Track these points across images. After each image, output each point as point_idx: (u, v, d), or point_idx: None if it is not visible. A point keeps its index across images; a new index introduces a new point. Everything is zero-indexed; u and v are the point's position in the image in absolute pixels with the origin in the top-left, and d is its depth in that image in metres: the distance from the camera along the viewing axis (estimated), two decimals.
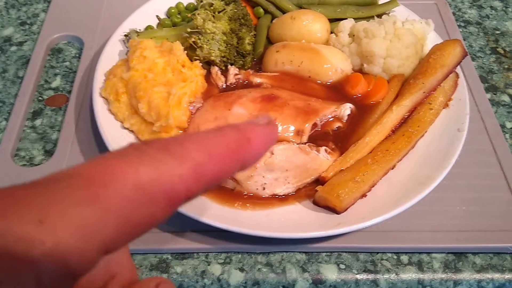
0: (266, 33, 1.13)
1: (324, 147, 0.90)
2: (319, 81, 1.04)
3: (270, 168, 0.84)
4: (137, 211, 0.26)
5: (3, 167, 0.94)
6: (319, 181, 0.88)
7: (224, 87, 1.03)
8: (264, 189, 0.85)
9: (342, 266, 0.83)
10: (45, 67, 1.16)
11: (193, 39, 1.02)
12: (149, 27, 1.15)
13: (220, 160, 0.29)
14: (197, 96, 0.98)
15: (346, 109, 0.98)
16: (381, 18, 1.09)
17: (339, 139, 0.95)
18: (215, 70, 1.05)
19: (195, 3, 1.21)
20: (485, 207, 0.90)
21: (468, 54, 1.08)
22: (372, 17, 1.15)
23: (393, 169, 0.89)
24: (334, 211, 0.81)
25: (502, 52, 1.24)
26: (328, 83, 1.04)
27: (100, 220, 0.25)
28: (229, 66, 1.05)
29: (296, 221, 0.82)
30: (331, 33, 1.13)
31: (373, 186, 0.85)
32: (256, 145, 0.31)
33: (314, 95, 1.00)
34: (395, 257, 0.84)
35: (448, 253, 0.85)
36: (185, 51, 1.01)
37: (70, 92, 1.09)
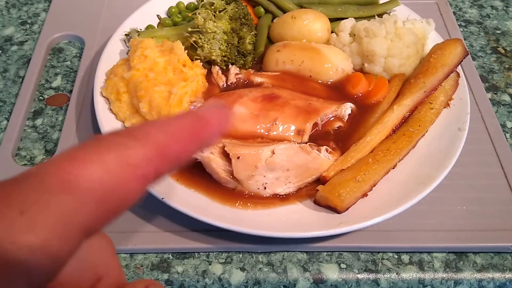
0: (267, 32, 1.13)
1: (325, 147, 0.90)
2: (320, 81, 1.04)
3: (271, 168, 0.84)
4: (109, 192, 0.28)
5: (4, 166, 0.94)
6: (320, 180, 0.88)
7: (225, 86, 1.03)
8: (265, 188, 0.85)
9: (343, 266, 0.83)
10: (45, 67, 1.16)
11: (194, 39, 1.02)
12: (149, 27, 1.15)
13: (181, 139, 0.32)
14: (198, 96, 0.98)
15: (347, 108, 0.98)
16: (382, 17, 1.09)
17: (340, 138, 0.95)
18: (216, 69, 1.05)
19: (196, 3, 1.21)
20: (486, 207, 0.90)
21: (469, 53, 1.08)
22: (373, 16, 1.15)
23: (394, 168, 0.89)
24: (335, 210, 0.81)
25: (503, 51, 1.24)
26: (329, 82, 1.04)
27: (77, 205, 0.27)
28: (230, 66, 1.06)
29: (297, 220, 0.82)
30: (332, 32, 1.13)
31: (374, 185, 0.85)
32: (212, 124, 0.34)
33: (315, 94, 1.00)
34: (396, 256, 0.84)
35: (449, 252, 0.85)
36: (186, 51, 1.02)
37: (71, 91, 1.09)
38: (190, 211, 0.79)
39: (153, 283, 0.35)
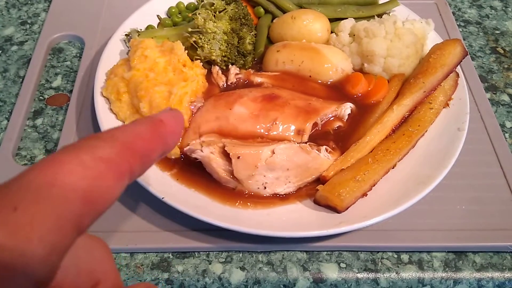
0: (266, 32, 1.14)
1: (325, 147, 0.91)
2: (319, 81, 1.04)
3: (271, 167, 0.84)
4: (91, 188, 0.30)
5: (4, 166, 0.94)
6: (320, 180, 0.88)
7: (225, 86, 1.03)
8: (265, 188, 0.85)
9: (343, 265, 0.83)
10: (46, 67, 1.16)
11: (194, 39, 1.02)
12: (150, 27, 1.15)
13: (144, 137, 0.36)
14: (198, 96, 0.98)
15: (347, 108, 0.98)
16: (381, 17, 1.09)
17: (339, 138, 0.95)
18: (216, 69, 1.05)
19: (196, 3, 1.21)
20: (485, 206, 0.90)
21: (468, 53, 1.08)
22: (373, 16, 1.15)
23: (393, 168, 0.89)
24: (335, 210, 0.81)
25: (502, 51, 1.24)
26: (329, 82, 1.04)
27: (65, 202, 0.29)
28: (230, 66, 1.06)
29: (297, 220, 0.82)
30: (332, 32, 1.13)
31: (374, 185, 0.85)
32: (168, 124, 0.39)
33: (314, 94, 1.00)
34: (395, 256, 0.85)
35: (448, 252, 0.85)
36: (186, 51, 1.02)
37: (71, 91, 1.09)
38: (190, 210, 0.79)
39: (150, 286, 0.37)
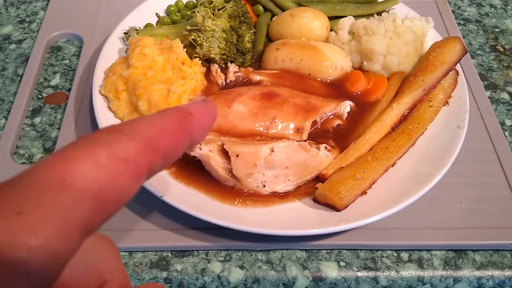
0: (265, 30, 1.13)
1: (324, 145, 0.90)
2: (319, 79, 1.04)
3: (270, 166, 0.84)
4: (104, 189, 0.27)
5: (2, 165, 0.93)
6: (319, 178, 0.88)
7: (224, 84, 1.03)
8: (264, 186, 0.85)
9: (342, 264, 0.83)
10: (44, 65, 1.16)
11: (192, 37, 1.02)
12: (148, 25, 1.14)
13: (169, 132, 0.32)
14: (197, 94, 0.98)
15: (346, 106, 0.98)
16: (381, 15, 1.09)
17: (339, 136, 0.95)
18: (215, 67, 1.05)
19: (195, 1, 1.21)
20: (485, 204, 0.90)
21: (468, 51, 1.08)
22: (372, 14, 1.15)
23: (393, 166, 0.89)
24: (334, 208, 0.81)
25: (502, 50, 1.24)
26: (328, 80, 1.04)
27: (73, 204, 0.26)
28: (229, 64, 1.05)
29: (296, 218, 0.82)
30: (331, 30, 1.13)
31: (373, 183, 0.85)
32: (198, 118, 0.35)
33: (314, 92, 1.00)
34: (395, 254, 0.84)
35: (448, 250, 0.85)
36: (185, 49, 1.01)
37: (69, 90, 1.08)
38: (189, 209, 0.79)
39: (159, 286, 0.35)
